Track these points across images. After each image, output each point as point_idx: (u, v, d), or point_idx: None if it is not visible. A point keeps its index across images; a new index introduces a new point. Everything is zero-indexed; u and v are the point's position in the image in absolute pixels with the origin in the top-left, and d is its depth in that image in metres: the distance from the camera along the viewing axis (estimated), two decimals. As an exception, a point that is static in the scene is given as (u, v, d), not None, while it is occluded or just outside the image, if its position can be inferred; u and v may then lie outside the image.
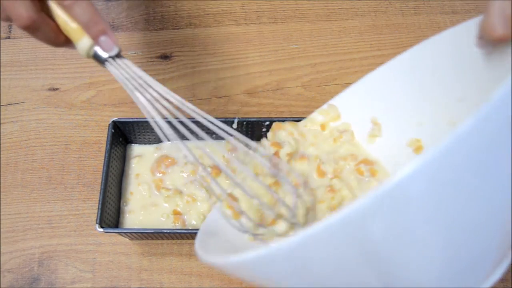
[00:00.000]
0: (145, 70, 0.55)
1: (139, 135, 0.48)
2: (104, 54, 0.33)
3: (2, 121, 0.52)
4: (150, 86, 0.33)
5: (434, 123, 0.39)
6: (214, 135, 0.48)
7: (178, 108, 0.33)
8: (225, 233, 0.37)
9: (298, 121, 0.47)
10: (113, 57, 0.33)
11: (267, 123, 0.47)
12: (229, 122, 0.47)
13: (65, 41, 0.34)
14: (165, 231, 0.41)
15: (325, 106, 0.44)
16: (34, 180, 0.49)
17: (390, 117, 0.41)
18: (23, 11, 0.31)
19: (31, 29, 0.32)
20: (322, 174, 0.41)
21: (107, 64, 0.33)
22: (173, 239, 0.46)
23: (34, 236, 0.46)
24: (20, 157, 0.50)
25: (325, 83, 0.55)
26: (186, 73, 0.55)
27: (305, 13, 0.60)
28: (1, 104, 0.53)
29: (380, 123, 0.42)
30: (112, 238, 0.46)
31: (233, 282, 0.44)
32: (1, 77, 0.55)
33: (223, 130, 0.34)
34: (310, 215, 0.38)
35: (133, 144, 0.49)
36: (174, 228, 0.44)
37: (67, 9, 0.32)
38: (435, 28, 0.59)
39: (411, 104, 0.40)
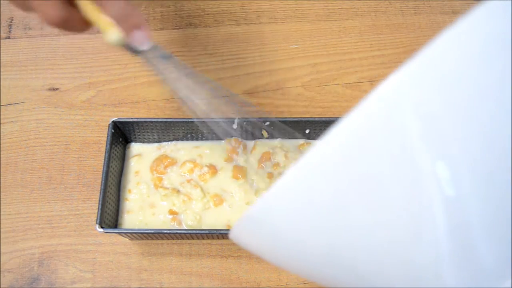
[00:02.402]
0: (145, 70, 0.56)
1: (139, 135, 0.48)
2: (137, 47, 0.33)
3: (2, 121, 0.52)
4: (182, 81, 0.33)
5: None
6: (214, 135, 0.48)
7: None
8: None
9: (298, 121, 0.47)
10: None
11: (267, 123, 0.47)
12: (229, 122, 0.47)
13: (90, 26, 0.34)
14: (165, 231, 0.41)
15: None
16: (34, 180, 0.49)
17: None
18: (54, 11, 0.31)
19: (61, 26, 0.32)
20: None
21: (141, 55, 0.33)
22: (173, 239, 0.46)
23: (34, 236, 0.46)
24: (20, 157, 0.50)
25: (325, 83, 0.55)
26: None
27: (305, 13, 0.60)
28: (1, 104, 0.53)
29: None
30: (112, 238, 0.46)
31: (233, 282, 0.44)
32: (1, 77, 0.55)
33: None
34: None
35: (132, 143, 0.49)
36: (174, 228, 0.44)
37: (99, 3, 0.32)
38: (435, 28, 0.59)
39: None
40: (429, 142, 0.21)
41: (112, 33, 0.32)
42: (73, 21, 0.32)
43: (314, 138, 0.49)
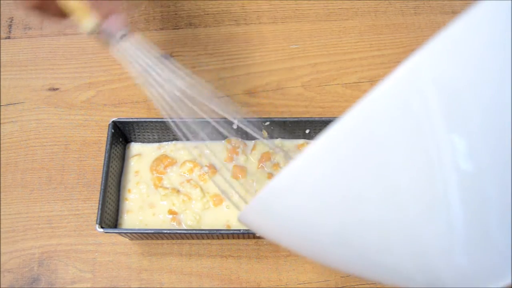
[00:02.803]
0: (145, 70, 0.56)
1: (139, 135, 0.48)
2: (111, 33, 0.32)
3: (2, 121, 0.52)
4: (154, 69, 0.32)
5: None
6: (213, 135, 0.48)
7: (183, 92, 0.33)
8: None
9: (298, 121, 0.47)
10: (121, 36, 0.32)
11: (267, 123, 0.47)
12: (229, 122, 0.47)
13: (66, 16, 0.33)
14: (165, 231, 0.41)
15: None
16: (34, 180, 0.49)
17: None
18: None
19: (36, 11, 0.32)
20: None
21: (112, 42, 0.33)
22: (173, 239, 0.46)
23: (34, 236, 0.46)
24: (20, 157, 0.50)
25: (325, 83, 0.55)
26: (186, 73, 0.55)
27: (305, 13, 0.60)
28: (1, 104, 0.53)
29: None
30: (112, 238, 0.46)
31: (233, 282, 0.44)
32: (1, 77, 0.55)
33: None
34: None
35: (132, 143, 0.49)
36: (174, 228, 0.44)
37: None
38: (435, 28, 0.59)
39: None
40: (447, 115, 0.21)
41: (88, 20, 0.32)
42: (48, 6, 0.32)
43: (314, 138, 0.49)
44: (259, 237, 0.45)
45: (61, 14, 0.33)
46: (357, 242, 0.24)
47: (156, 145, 0.49)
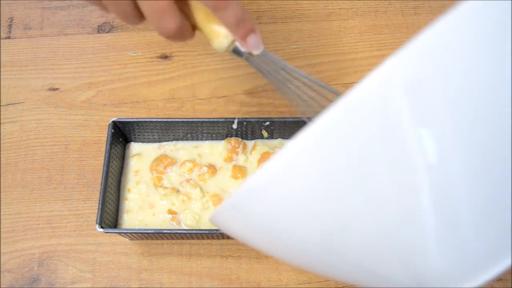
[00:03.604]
0: (145, 71, 0.56)
1: (139, 135, 0.48)
2: (247, 50, 0.32)
3: (2, 121, 0.52)
4: (294, 77, 0.33)
5: None
6: (214, 135, 0.48)
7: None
8: None
9: (298, 121, 0.47)
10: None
11: (267, 123, 0.47)
12: (229, 122, 0.47)
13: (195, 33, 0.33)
14: (165, 231, 0.41)
15: None
16: (34, 180, 0.49)
17: None
18: (172, 23, 0.29)
19: (177, 37, 0.31)
20: None
21: (249, 58, 0.33)
22: (173, 239, 0.46)
23: (34, 236, 0.46)
24: (20, 157, 0.50)
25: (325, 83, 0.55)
26: (186, 73, 0.55)
27: (305, 13, 0.60)
28: (1, 104, 0.53)
29: None
30: (112, 238, 0.46)
31: (233, 282, 0.44)
32: (1, 77, 0.55)
33: None
34: None
35: (132, 143, 0.49)
36: (174, 228, 0.45)
37: (216, 11, 0.30)
38: (435, 28, 0.59)
39: None
40: (415, 114, 0.21)
41: (222, 40, 0.31)
42: (186, 30, 0.31)
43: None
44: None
45: (193, 33, 0.32)
46: (332, 245, 0.24)
47: (156, 145, 0.49)
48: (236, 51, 0.33)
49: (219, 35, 0.31)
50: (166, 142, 0.49)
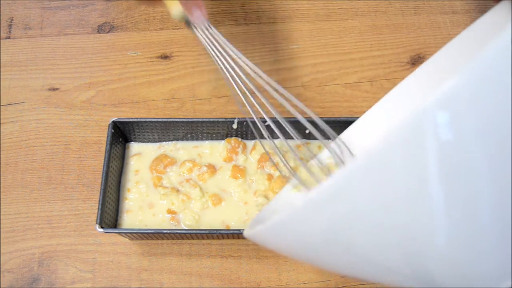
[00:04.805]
0: (145, 70, 0.56)
1: (138, 135, 0.48)
2: (192, 21, 0.40)
3: (2, 121, 0.52)
4: (230, 56, 0.38)
5: None
6: (214, 135, 0.48)
7: (254, 80, 0.38)
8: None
9: (298, 121, 0.46)
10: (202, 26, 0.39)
11: (267, 123, 0.47)
12: (229, 122, 0.47)
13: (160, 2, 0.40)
14: (165, 231, 0.41)
15: None
16: (34, 180, 0.49)
17: None
18: None
19: None
20: None
21: (194, 29, 0.40)
22: (173, 239, 0.46)
23: (34, 236, 0.46)
24: (20, 157, 0.50)
25: (325, 83, 0.55)
26: (186, 73, 0.55)
27: (305, 13, 0.60)
28: (1, 104, 0.53)
29: None
30: (112, 238, 0.46)
31: (233, 282, 0.44)
32: (1, 77, 0.55)
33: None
34: None
35: (132, 143, 0.49)
36: (174, 228, 0.45)
37: None
38: (435, 28, 0.59)
39: None
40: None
41: (177, 8, 0.39)
42: None
43: (314, 139, 0.49)
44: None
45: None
46: (354, 245, 0.25)
47: (156, 144, 0.49)
48: (186, 22, 0.40)
49: (175, 4, 0.39)
50: (166, 142, 0.49)
